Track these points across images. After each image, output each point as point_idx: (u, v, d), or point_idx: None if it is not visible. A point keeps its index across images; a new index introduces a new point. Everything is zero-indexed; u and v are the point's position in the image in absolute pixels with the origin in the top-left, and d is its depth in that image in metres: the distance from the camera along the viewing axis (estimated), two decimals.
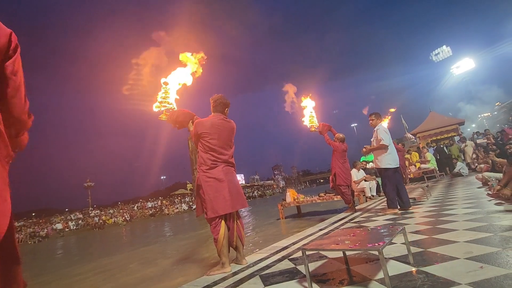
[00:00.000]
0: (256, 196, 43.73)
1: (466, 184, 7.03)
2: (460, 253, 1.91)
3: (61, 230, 24.62)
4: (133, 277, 3.60)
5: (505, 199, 3.35)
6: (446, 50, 45.29)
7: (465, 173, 9.88)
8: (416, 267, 1.80)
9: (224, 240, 2.55)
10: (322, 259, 2.34)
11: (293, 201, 6.47)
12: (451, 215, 3.34)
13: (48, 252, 11.02)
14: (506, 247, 1.90)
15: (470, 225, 2.68)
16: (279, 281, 2.00)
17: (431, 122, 17.97)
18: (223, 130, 2.72)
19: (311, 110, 5.95)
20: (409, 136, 20.32)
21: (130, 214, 29.15)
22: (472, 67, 38.07)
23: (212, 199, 2.54)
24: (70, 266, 5.91)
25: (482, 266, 1.64)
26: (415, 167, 11.54)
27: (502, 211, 3.08)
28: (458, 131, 16.70)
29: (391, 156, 4.46)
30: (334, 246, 1.72)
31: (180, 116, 2.89)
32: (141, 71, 3.31)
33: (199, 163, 2.68)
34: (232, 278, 2.26)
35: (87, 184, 43.46)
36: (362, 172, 7.86)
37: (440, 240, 2.32)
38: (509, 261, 1.65)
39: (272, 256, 2.77)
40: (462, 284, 1.45)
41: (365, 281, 1.74)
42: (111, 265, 4.86)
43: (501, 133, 9.81)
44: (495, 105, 40.07)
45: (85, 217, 29.11)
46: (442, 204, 4.37)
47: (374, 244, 1.58)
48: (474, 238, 2.21)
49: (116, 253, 6.59)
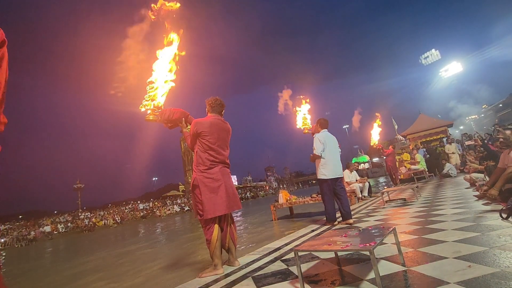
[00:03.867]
0: (249, 197, 43.64)
1: (454, 184, 7.17)
2: (449, 253, 1.95)
3: (50, 233, 24.05)
4: (123, 279, 3.54)
5: (492, 199, 3.43)
6: (435, 54, 46.28)
7: (453, 174, 10.09)
8: (407, 267, 1.83)
9: (217, 242, 2.53)
10: (314, 260, 2.35)
11: (286, 202, 6.48)
12: (440, 215, 3.41)
13: (31, 255, 10.75)
14: (493, 246, 1.94)
15: (458, 225, 2.74)
16: (272, 282, 1.99)
17: (420, 124, 18.33)
18: (221, 130, 2.72)
19: (304, 112, 5.98)
20: (399, 137, 20.68)
21: (121, 216, 28.71)
22: (460, 71, 38.99)
23: (210, 200, 2.52)
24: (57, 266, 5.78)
25: (470, 265, 1.68)
26: (405, 168, 11.74)
27: (489, 211, 3.15)
28: (446, 133, 17.10)
29: (326, 167, 4.18)
30: (326, 247, 1.73)
31: (173, 114, 2.85)
32: (132, 71, 3.27)
33: (196, 163, 2.65)
34: (225, 280, 2.25)
35: (77, 186, 42.70)
36: (354, 173, 7.93)
37: (430, 240, 2.36)
38: (496, 260, 1.69)
39: (264, 257, 2.77)
40: (451, 283, 1.48)
41: (357, 281, 1.75)
42: (100, 267, 4.76)
43: (489, 134, 10.05)
44: (482, 108, 41.12)
45: (75, 219, 28.53)
46: (432, 204, 4.44)
47: (365, 244, 1.60)
48: (462, 238, 2.26)
49: (105, 254, 6.48)
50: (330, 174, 4.19)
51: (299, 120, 6.37)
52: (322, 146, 4.23)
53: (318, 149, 4.23)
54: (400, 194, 7.03)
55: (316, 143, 4.28)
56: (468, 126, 36.70)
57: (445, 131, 17.26)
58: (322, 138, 4.28)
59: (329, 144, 4.29)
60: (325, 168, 4.21)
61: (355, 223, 3.96)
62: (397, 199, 5.80)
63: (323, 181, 4.22)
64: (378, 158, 43.06)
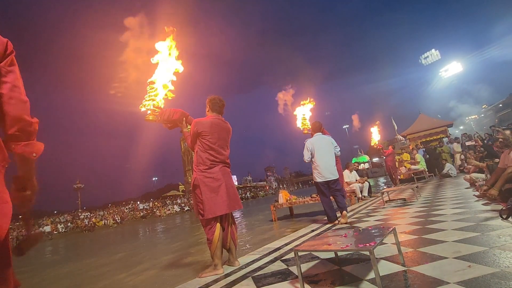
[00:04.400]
0: (249, 197, 43.65)
1: (454, 184, 7.17)
2: (448, 253, 1.95)
3: (50, 233, 24.05)
4: (124, 280, 3.54)
5: (492, 199, 3.43)
6: (435, 54, 46.34)
7: (453, 174, 10.09)
8: (407, 267, 1.83)
9: (219, 242, 2.53)
10: (314, 260, 2.35)
11: (286, 202, 6.48)
12: (440, 215, 3.41)
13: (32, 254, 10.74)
14: (493, 246, 1.94)
15: (458, 225, 2.74)
16: (272, 282, 2.00)
17: (420, 124, 18.35)
18: (221, 130, 2.72)
19: (303, 112, 5.98)
20: (399, 137, 20.70)
21: (121, 216, 28.70)
22: (460, 71, 39.02)
23: (210, 200, 2.52)
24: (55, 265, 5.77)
25: (470, 265, 1.68)
26: (405, 168, 11.74)
27: (489, 211, 3.15)
28: (446, 133, 17.12)
29: (319, 170, 4.29)
30: (326, 247, 1.73)
31: (173, 115, 2.85)
32: (133, 71, 3.27)
33: (197, 162, 2.65)
34: (225, 280, 2.25)
35: (77, 186, 42.71)
36: (354, 173, 7.93)
37: (430, 240, 2.36)
38: (496, 260, 1.69)
39: (264, 257, 2.77)
40: (451, 283, 1.48)
41: (357, 281, 1.75)
42: (99, 268, 4.76)
43: (489, 135, 10.05)
44: (482, 108, 41.14)
45: (75, 219, 28.52)
46: (432, 204, 4.44)
47: (365, 244, 1.60)
48: (462, 238, 2.26)
49: (105, 255, 6.48)
50: (322, 178, 4.29)
51: (299, 120, 6.37)
52: (309, 153, 4.40)
53: (305, 157, 4.43)
54: (400, 194, 7.03)
55: (304, 150, 4.44)
56: (468, 126, 36.71)
57: (445, 131, 17.29)
58: (310, 144, 4.41)
59: (320, 148, 4.37)
60: (317, 172, 4.36)
61: (355, 223, 3.96)
62: (397, 199, 5.80)
63: (317, 184, 4.38)
64: (378, 158, 43.10)
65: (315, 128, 4.60)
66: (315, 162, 4.34)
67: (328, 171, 4.29)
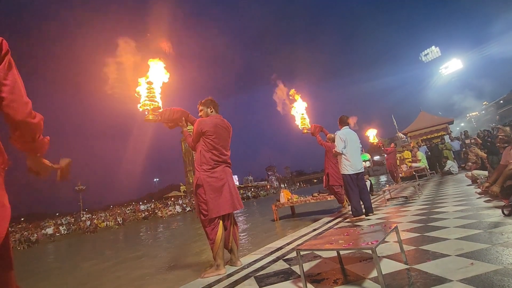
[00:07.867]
0: (250, 197, 43.64)
1: (456, 182, 7.16)
2: (451, 250, 1.95)
3: (52, 235, 24.08)
4: (126, 281, 3.54)
5: (493, 196, 3.42)
6: (435, 51, 46.24)
7: (455, 171, 10.07)
8: (409, 265, 1.83)
9: (221, 242, 2.53)
10: (317, 259, 2.35)
11: (287, 201, 6.48)
12: (442, 213, 3.40)
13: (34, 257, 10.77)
14: (495, 243, 1.94)
15: (460, 222, 2.73)
16: (274, 282, 2.00)
17: (421, 121, 18.31)
18: (223, 130, 2.72)
19: (302, 112, 5.95)
20: (400, 135, 20.65)
21: (123, 217, 28.73)
22: (460, 68, 38.93)
23: (214, 199, 2.52)
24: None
25: (472, 262, 1.67)
26: (406, 166, 11.71)
27: (491, 208, 3.15)
28: (447, 130, 17.07)
29: (348, 163, 4.34)
30: (328, 246, 1.73)
31: (173, 114, 2.85)
32: (132, 72, 3.27)
33: (200, 162, 2.64)
34: (227, 280, 2.25)
35: (78, 188, 42.70)
36: None
37: (432, 238, 2.36)
38: (499, 257, 1.69)
39: (266, 257, 2.77)
40: (453, 281, 1.48)
41: (359, 279, 1.75)
42: (101, 271, 4.78)
43: (489, 132, 10.02)
44: (483, 104, 41.04)
45: (77, 221, 28.57)
46: (433, 202, 4.44)
47: (368, 243, 1.59)
48: (464, 235, 2.25)
49: (107, 257, 6.49)
50: (352, 169, 4.33)
51: (297, 119, 6.33)
52: (343, 143, 4.39)
53: (339, 147, 4.39)
54: (402, 192, 7.02)
55: (337, 140, 4.45)
56: (469, 123, 36.65)
57: (446, 128, 17.24)
58: (343, 135, 4.43)
59: (352, 140, 4.45)
60: (348, 164, 4.36)
61: (356, 222, 3.96)
62: (398, 197, 5.79)
63: (346, 176, 4.38)
64: (379, 156, 43.02)
65: (342, 121, 4.63)
66: (347, 154, 4.38)
67: (357, 163, 4.39)
